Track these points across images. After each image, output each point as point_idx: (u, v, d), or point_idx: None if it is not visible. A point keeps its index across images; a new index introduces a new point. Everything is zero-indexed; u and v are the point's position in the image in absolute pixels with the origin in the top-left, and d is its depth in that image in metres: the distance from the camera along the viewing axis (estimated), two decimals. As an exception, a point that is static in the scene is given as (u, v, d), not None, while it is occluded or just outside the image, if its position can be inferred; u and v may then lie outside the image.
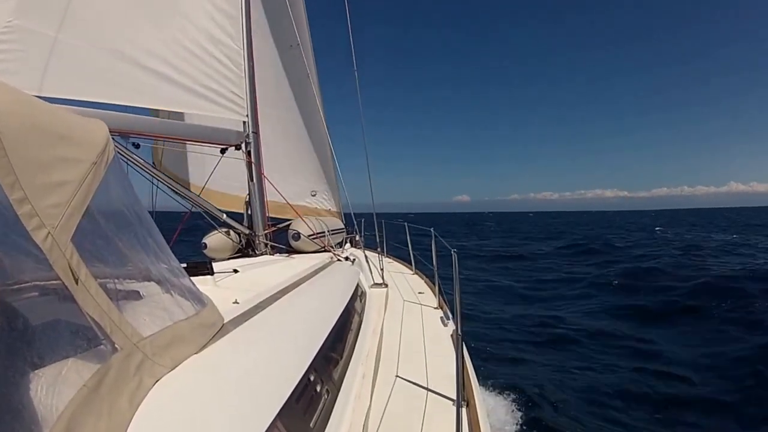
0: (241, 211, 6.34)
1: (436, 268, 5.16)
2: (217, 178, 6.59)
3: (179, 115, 5.98)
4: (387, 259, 7.48)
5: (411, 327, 4.06)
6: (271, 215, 6.64)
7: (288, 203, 6.69)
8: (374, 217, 7.60)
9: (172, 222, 5.84)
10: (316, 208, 8.56)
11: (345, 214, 8.53)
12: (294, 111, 8.08)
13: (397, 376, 2.93)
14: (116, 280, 1.47)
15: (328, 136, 7.58)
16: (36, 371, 1.03)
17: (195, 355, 1.65)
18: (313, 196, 8.56)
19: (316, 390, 2.02)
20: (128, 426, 1.16)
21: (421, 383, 2.82)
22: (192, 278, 2.06)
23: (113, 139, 1.69)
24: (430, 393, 2.68)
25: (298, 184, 8.33)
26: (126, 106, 4.64)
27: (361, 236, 7.68)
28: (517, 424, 5.91)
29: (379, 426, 2.27)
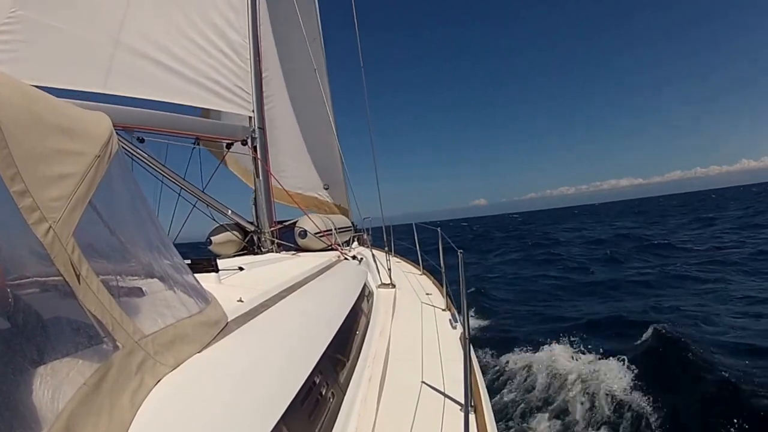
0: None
1: (443, 269, 5.11)
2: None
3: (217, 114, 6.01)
4: (395, 258, 7.43)
5: (419, 329, 4.02)
6: (281, 202, 6.66)
7: (293, 199, 6.68)
8: (382, 216, 7.58)
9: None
10: (329, 201, 8.58)
11: (357, 229, 8.54)
12: (311, 105, 8.11)
13: (404, 379, 2.89)
14: (118, 277, 1.44)
15: (336, 135, 7.57)
16: (36, 369, 1.01)
17: (198, 354, 1.62)
18: (326, 189, 8.58)
19: (321, 392, 1.99)
20: (129, 426, 1.14)
21: (429, 386, 2.78)
22: (196, 275, 2.04)
23: (117, 133, 1.66)
24: (438, 397, 2.64)
25: (313, 176, 8.36)
26: (133, 98, 4.63)
27: (368, 235, 7.65)
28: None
29: (386, 430, 2.23)
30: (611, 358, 7.86)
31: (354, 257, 5.68)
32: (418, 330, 3.98)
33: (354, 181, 7.46)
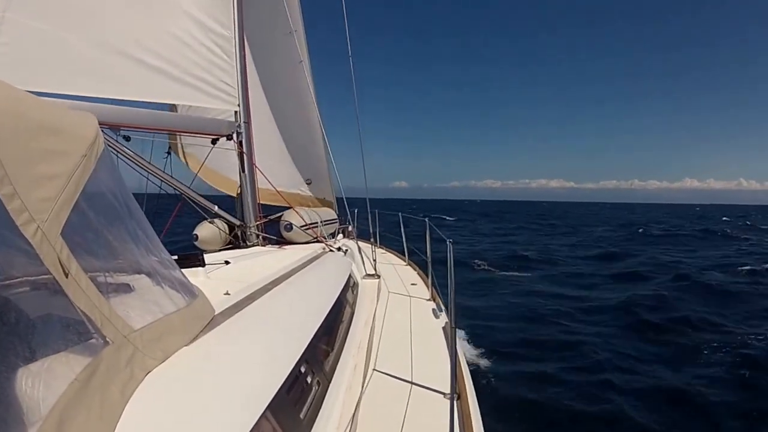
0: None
1: (429, 260, 5.15)
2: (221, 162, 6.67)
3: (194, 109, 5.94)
4: (380, 249, 7.46)
5: (403, 319, 4.06)
6: (266, 203, 6.63)
7: (280, 194, 6.67)
8: (368, 205, 7.59)
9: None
10: (311, 196, 8.52)
11: (338, 198, 8.53)
12: (287, 99, 8.02)
13: (388, 368, 2.93)
14: (107, 274, 1.47)
15: (322, 124, 7.55)
16: (27, 365, 1.04)
17: (186, 347, 1.66)
18: (308, 184, 8.50)
19: (306, 381, 2.04)
20: (120, 418, 1.17)
21: (412, 376, 2.82)
22: (183, 270, 2.07)
23: (103, 131, 1.68)
24: (421, 386, 2.69)
25: (292, 173, 8.28)
26: (117, 99, 4.62)
27: (354, 227, 7.67)
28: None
29: (370, 418, 2.28)
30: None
31: (339, 249, 5.72)
32: (403, 319, 4.02)
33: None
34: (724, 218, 72.91)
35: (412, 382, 2.73)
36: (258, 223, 5.88)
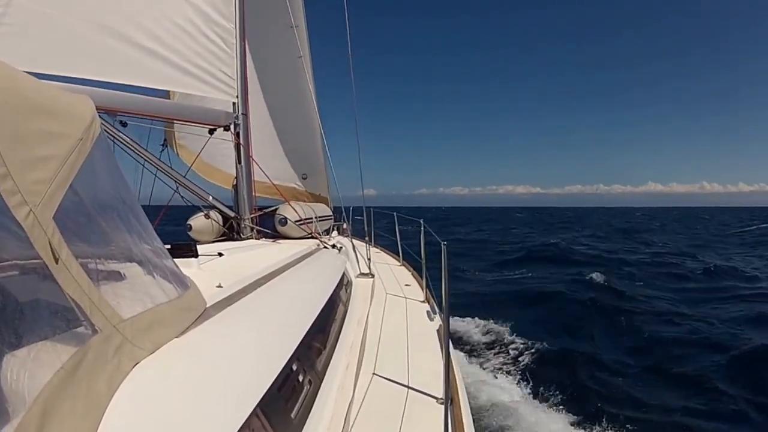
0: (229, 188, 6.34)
1: (424, 261, 5.13)
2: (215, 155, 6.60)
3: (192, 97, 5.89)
4: (374, 249, 7.44)
5: (397, 320, 4.04)
6: (261, 196, 6.59)
7: (276, 187, 6.63)
8: (363, 207, 7.58)
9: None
10: (306, 191, 8.49)
11: (335, 207, 8.52)
12: (286, 93, 7.99)
13: (381, 369, 2.91)
14: (98, 260, 1.44)
15: (320, 121, 7.51)
16: (13, 352, 1.00)
17: (176, 338, 1.63)
18: (304, 179, 8.46)
19: (298, 379, 2.01)
20: (106, 409, 1.15)
21: (405, 378, 2.80)
22: (175, 260, 2.04)
23: (99, 116, 1.65)
24: (414, 388, 2.67)
25: (288, 167, 8.25)
26: (116, 83, 4.57)
27: (349, 224, 7.64)
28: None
29: (361, 419, 2.26)
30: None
31: (333, 246, 5.69)
32: (396, 321, 4.00)
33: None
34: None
35: (404, 385, 2.71)
36: (253, 215, 5.84)
